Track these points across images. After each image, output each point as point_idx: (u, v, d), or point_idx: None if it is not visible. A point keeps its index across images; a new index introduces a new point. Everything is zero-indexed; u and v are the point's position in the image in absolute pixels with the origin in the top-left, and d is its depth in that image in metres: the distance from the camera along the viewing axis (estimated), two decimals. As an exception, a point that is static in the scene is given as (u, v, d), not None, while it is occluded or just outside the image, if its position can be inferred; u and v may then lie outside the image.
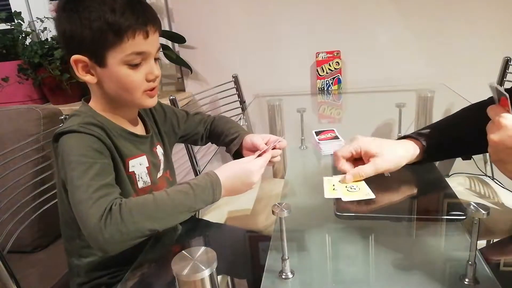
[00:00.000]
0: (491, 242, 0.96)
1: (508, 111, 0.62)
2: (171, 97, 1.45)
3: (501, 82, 1.52)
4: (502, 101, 0.64)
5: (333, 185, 0.86)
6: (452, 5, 1.69)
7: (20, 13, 1.94)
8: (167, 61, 1.96)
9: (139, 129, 0.92)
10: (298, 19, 1.82)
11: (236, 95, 1.85)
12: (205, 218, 1.10)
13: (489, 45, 1.69)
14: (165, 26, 1.97)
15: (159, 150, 0.95)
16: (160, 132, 0.99)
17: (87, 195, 0.69)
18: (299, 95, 1.92)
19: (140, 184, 0.86)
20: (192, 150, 1.53)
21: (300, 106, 1.27)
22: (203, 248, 0.47)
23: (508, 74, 1.51)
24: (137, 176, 0.85)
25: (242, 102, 1.86)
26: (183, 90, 2.05)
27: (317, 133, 1.16)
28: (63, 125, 0.79)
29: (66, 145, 0.74)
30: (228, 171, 0.80)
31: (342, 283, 0.62)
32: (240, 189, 0.81)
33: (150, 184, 0.88)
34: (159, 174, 0.93)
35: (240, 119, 1.65)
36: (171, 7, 1.94)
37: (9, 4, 2.07)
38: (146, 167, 0.87)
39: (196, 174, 1.48)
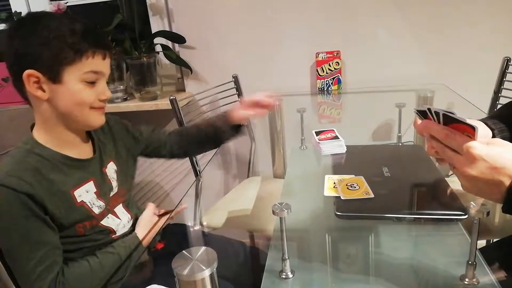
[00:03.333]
0: (491, 242, 0.97)
1: (470, 138, 0.57)
2: (171, 97, 1.45)
3: (501, 82, 1.52)
4: (457, 127, 0.59)
5: (334, 183, 0.87)
6: (452, 5, 1.68)
7: (20, 13, 1.94)
8: (167, 61, 1.96)
9: (87, 152, 0.92)
10: (298, 19, 1.82)
11: (236, 95, 1.84)
12: (205, 218, 1.10)
13: (489, 45, 1.69)
14: (165, 26, 1.97)
15: (111, 167, 0.96)
16: (116, 146, 1.01)
17: (27, 270, 0.77)
18: (299, 95, 1.92)
19: (96, 210, 0.88)
20: (192, 150, 1.52)
21: (300, 106, 1.27)
22: (203, 248, 0.47)
23: (508, 74, 1.51)
24: (89, 204, 0.87)
25: (242, 102, 1.86)
26: (183, 90, 2.05)
27: (317, 133, 1.16)
28: None
29: None
30: (142, 227, 0.95)
31: (342, 283, 0.62)
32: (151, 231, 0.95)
33: (105, 206, 0.90)
34: (112, 193, 0.94)
35: (240, 119, 1.65)
36: (171, 7, 1.94)
37: (9, 4, 2.07)
38: (94, 192, 0.89)
39: (196, 174, 1.48)
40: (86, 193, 0.87)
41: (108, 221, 0.91)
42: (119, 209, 0.95)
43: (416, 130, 0.71)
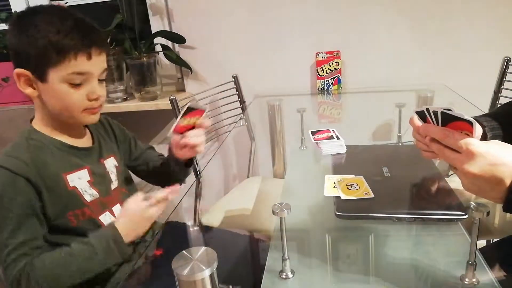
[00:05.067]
0: (491, 242, 0.97)
1: (468, 135, 0.57)
2: (171, 97, 1.45)
3: (501, 82, 1.52)
4: (456, 125, 0.59)
5: (334, 183, 0.87)
6: (452, 5, 1.69)
7: (20, 13, 1.94)
8: (167, 61, 1.96)
9: (85, 141, 0.93)
10: (298, 19, 1.82)
11: (236, 95, 1.84)
12: (205, 218, 1.10)
13: (489, 45, 1.69)
14: (165, 26, 1.97)
15: (111, 161, 0.96)
16: (118, 146, 1.02)
17: (3, 255, 0.76)
18: (299, 95, 1.92)
19: (88, 198, 0.87)
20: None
21: (300, 106, 1.27)
22: (203, 248, 0.47)
23: (508, 74, 1.51)
24: (80, 190, 0.86)
25: (242, 102, 1.86)
26: (183, 90, 2.05)
27: (313, 133, 1.16)
28: None
29: None
30: (125, 216, 0.84)
31: (342, 283, 0.62)
32: (142, 228, 0.84)
33: (99, 196, 0.89)
34: (113, 186, 0.94)
35: (240, 119, 1.66)
36: (171, 7, 1.94)
37: (9, 4, 2.07)
38: (87, 181, 0.88)
39: (196, 174, 1.48)
40: (78, 180, 0.86)
41: (106, 219, 0.90)
42: (118, 208, 0.94)
43: (413, 127, 0.71)
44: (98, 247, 0.79)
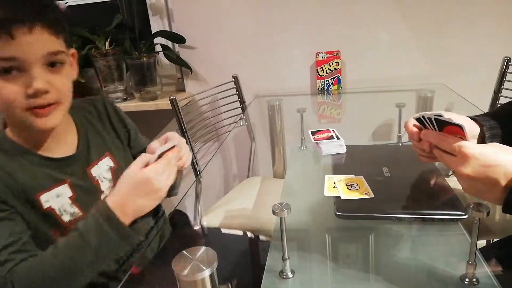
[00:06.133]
0: (491, 242, 0.96)
1: (462, 139, 0.59)
2: (171, 97, 1.45)
3: (501, 82, 1.52)
4: (451, 129, 0.61)
5: (334, 183, 0.87)
6: (452, 5, 1.68)
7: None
8: (167, 61, 1.96)
9: (66, 148, 0.77)
10: (298, 19, 1.82)
11: (236, 95, 1.84)
12: (205, 218, 1.10)
13: (489, 45, 1.69)
14: (165, 26, 1.97)
15: (103, 164, 0.81)
16: (115, 136, 0.86)
17: None
18: (299, 95, 1.92)
19: (66, 218, 0.73)
20: (192, 150, 1.53)
21: (300, 106, 1.27)
22: (203, 248, 0.47)
23: (508, 74, 1.51)
24: (58, 211, 0.72)
25: (242, 102, 1.86)
26: (183, 90, 2.05)
27: (313, 133, 1.16)
28: None
29: None
30: (122, 189, 0.67)
31: (342, 283, 0.62)
32: (146, 203, 0.68)
33: (84, 213, 0.75)
34: (104, 196, 0.79)
35: (240, 119, 1.66)
36: (171, 7, 1.94)
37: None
38: (69, 197, 0.74)
39: (196, 174, 1.48)
40: (56, 198, 0.72)
41: None
42: None
43: (407, 132, 0.74)
44: (87, 232, 0.64)
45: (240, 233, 1.05)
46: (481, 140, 0.78)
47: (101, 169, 0.81)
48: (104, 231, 0.64)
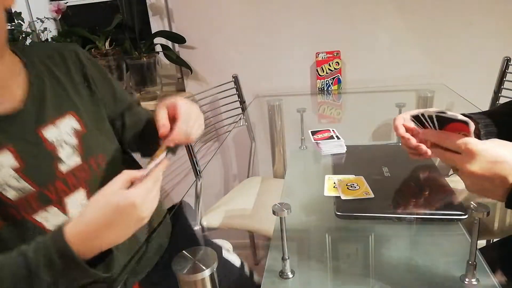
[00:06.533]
0: (491, 242, 0.97)
1: (466, 136, 0.58)
2: (171, 97, 1.45)
3: (501, 82, 1.52)
4: (452, 127, 0.60)
5: (334, 183, 0.87)
6: (452, 5, 1.68)
7: (20, 13, 1.94)
8: (167, 61, 1.96)
9: (8, 101, 0.60)
10: (298, 19, 1.82)
11: (236, 95, 1.84)
12: (205, 218, 1.10)
13: (489, 45, 1.69)
14: (165, 26, 1.97)
15: (65, 125, 0.64)
16: (92, 94, 0.68)
17: None
18: (299, 95, 1.92)
19: (12, 194, 0.57)
20: (192, 150, 1.53)
21: (300, 106, 1.27)
22: (203, 248, 0.47)
23: (508, 74, 1.51)
24: None
25: (242, 102, 1.86)
26: (183, 90, 2.05)
27: (313, 133, 1.16)
28: None
29: None
30: (90, 217, 0.50)
31: (342, 283, 0.62)
32: (122, 234, 0.51)
33: (36, 188, 0.60)
34: (66, 166, 0.63)
35: (240, 119, 1.66)
36: (171, 7, 1.94)
37: (9, 4, 2.07)
38: (15, 169, 0.58)
39: (196, 174, 1.48)
40: None
41: (45, 216, 0.59)
42: (76, 199, 0.63)
43: (394, 129, 0.75)
44: (37, 266, 0.48)
45: (240, 233, 1.04)
46: (476, 137, 0.78)
47: (61, 131, 0.63)
48: (54, 266, 0.49)
